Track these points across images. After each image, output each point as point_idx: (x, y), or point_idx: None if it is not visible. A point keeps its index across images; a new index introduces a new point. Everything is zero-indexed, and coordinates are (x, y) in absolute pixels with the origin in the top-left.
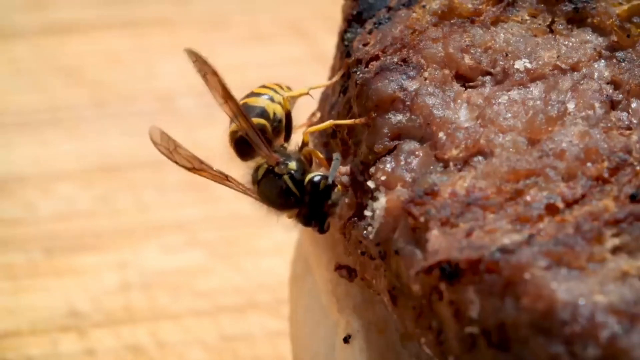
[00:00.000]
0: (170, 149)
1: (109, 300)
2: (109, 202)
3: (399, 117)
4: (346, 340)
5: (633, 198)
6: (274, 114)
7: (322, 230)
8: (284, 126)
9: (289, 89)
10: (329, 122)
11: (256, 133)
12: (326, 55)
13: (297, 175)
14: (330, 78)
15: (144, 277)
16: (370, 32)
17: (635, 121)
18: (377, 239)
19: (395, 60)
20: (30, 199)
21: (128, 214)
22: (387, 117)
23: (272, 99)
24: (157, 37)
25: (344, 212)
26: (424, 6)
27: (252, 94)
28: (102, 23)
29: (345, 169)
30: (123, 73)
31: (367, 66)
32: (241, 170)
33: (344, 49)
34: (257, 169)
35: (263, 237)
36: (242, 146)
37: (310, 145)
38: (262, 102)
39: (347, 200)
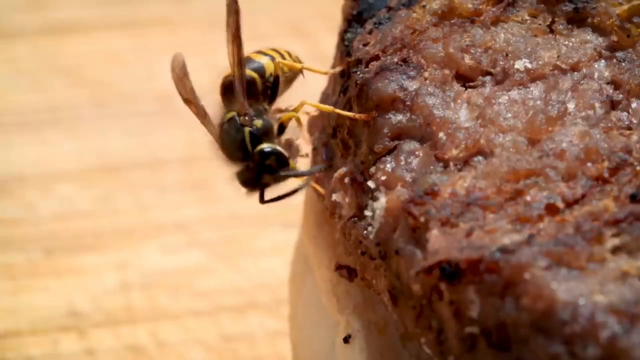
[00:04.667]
0: (180, 76)
1: (109, 300)
2: (109, 202)
3: (399, 117)
4: (346, 340)
5: (633, 198)
6: (270, 74)
7: (260, 199)
8: (272, 88)
9: (297, 58)
10: (330, 108)
11: (242, 81)
12: (326, 55)
13: (256, 133)
14: (330, 81)
15: (144, 277)
16: (370, 32)
17: (635, 121)
18: (377, 239)
19: (396, 60)
20: (30, 199)
21: (128, 214)
22: (387, 117)
23: (272, 59)
24: (157, 37)
25: (344, 211)
26: (424, 6)
27: (259, 52)
28: (102, 23)
29: (344, 169)
30: (123, 73)
31: (367, 66)
32: (228, 173)
33: (344, 49)
34: (227, 113)
35: (263, 237)
36: (227, 92)
37: (307, 134)
38: (262, 59)
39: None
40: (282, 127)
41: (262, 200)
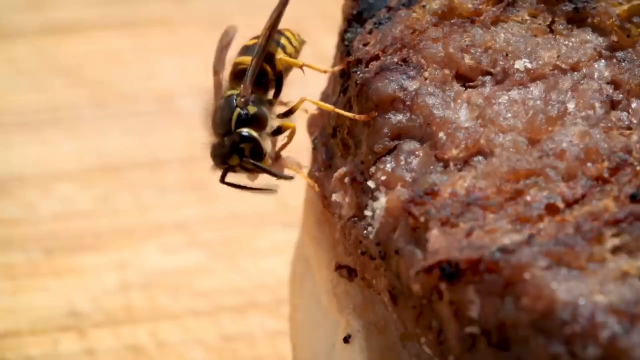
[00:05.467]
0: (222, 46)
1: (109, 300)
2: (109, 202)
3: (399, 117)
4: (346, 340)
5: (633, 198)
6: (279, 68)
7: (221, 179)
8: (277, 83)
9: (300, 38)
10: (330, 106)
11: (256, 68)
12: (326, 55)
13: (245, 118)
14: (330, 81)
15: (144, 277)
16: (370, 32)
17: (635, 121)
18: (377, 239)
19: (395, 60)
20: (30, 199)
21: (128, 214)
22: (387, 117)
23: (283, 49)
24: (157, 37)
25: (344, 211)
26: (424, 6)
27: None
28: (102, 23)
29: (344, 169)
30: (123, 73)
31: (367, 66)
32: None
33: (344, 48)
34: (229, 89)
35: (263, 237)
36: (237, 77)
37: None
38: (274, 49)
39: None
40: (278, 130)
41: (222, 180)
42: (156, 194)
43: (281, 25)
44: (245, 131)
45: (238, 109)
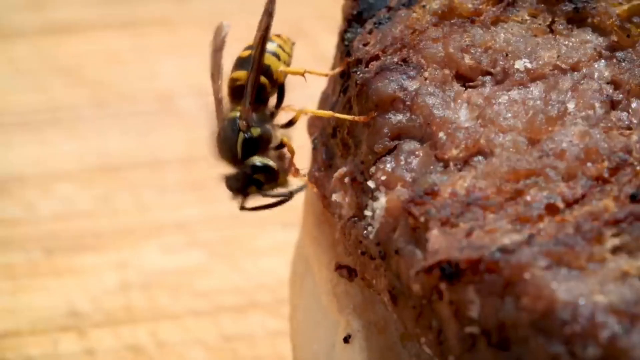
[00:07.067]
0: (217, 47)
1: (109, 300)
2: (109, 202)
3: (399, 117)
4: (346, 340)
5: (633, 198)
6: (277, 78)
7: (240, 207)
8: (278, 94)
9: (289, 41)
10: (329, 112)
11: (253, 88)
12: (326, 55)
13: (250, 142)
14: (330, 81)
15: (144, 277)
16: (370, 32)
17: (635, 121)
18: (377, 239)
19: (396, 60)
20: (30, 199)
21: (128, 214)
22: (387, 117)
23: (278, 57)
24: (157, 37)
25: (344, 211)
26: (424, 6)
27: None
28: (102, 23)
29: (344, 169)
30: (123, 73)
31: (367, 66)
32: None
33: (344, 49)
34: (231, 111)
35: (263, 237)
36: (236, 94)
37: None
38: (270, 60)
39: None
40: (281, 145)
41: (241, 208)
42: (156, 194)
43: (276, 28)
44: (256, 161)
45: (242, 134)
